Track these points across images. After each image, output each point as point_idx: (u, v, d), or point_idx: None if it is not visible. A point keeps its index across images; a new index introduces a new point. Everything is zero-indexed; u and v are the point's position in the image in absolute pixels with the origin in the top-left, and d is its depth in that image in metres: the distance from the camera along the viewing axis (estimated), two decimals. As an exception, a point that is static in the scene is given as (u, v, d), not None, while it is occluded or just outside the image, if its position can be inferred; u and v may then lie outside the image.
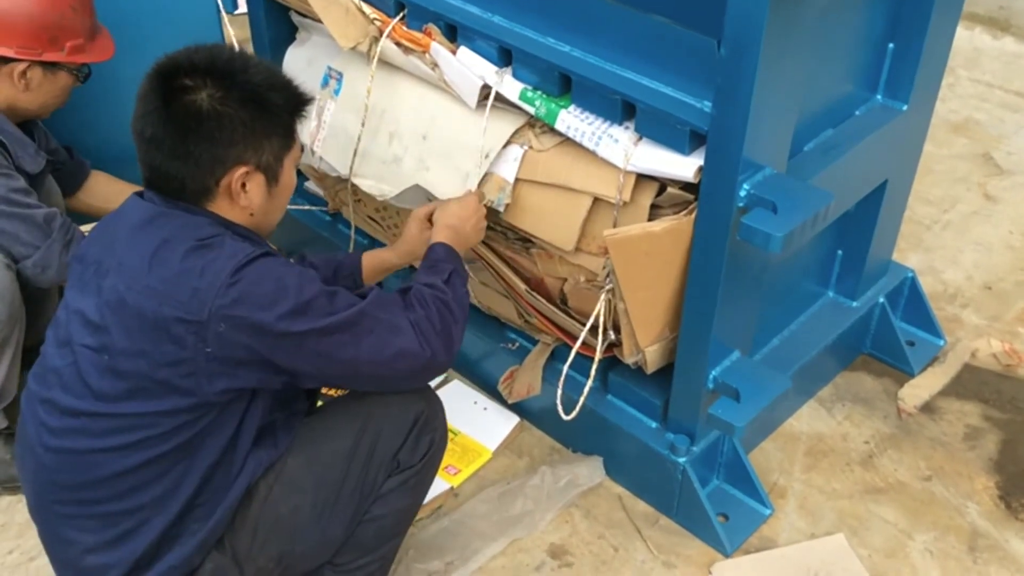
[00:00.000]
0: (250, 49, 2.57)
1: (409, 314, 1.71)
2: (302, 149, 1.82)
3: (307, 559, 1.80)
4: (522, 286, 2.20)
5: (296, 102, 1.71)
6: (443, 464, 2.28)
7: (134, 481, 1.63)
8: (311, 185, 2.75)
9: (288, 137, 1.70)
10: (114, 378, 1.59)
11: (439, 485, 2.26)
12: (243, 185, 1.64)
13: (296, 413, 1.79)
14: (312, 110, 1.80)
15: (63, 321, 1.68)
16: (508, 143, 2.05)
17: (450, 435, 2.38)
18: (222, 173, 1.63)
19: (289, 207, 1.87)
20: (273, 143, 1.67)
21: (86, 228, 2.52)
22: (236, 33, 2.67)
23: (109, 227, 1.70)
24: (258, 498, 1.72)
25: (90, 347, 1.61)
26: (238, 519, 1.72)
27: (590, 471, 2.28)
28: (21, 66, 2.16)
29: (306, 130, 1.77)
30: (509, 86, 2.01)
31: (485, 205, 2.07)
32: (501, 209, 2.06)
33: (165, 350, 1.56)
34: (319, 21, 2.27)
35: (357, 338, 1.63)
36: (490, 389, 2.49)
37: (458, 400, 2.48)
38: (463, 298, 1.82)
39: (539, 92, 1.97)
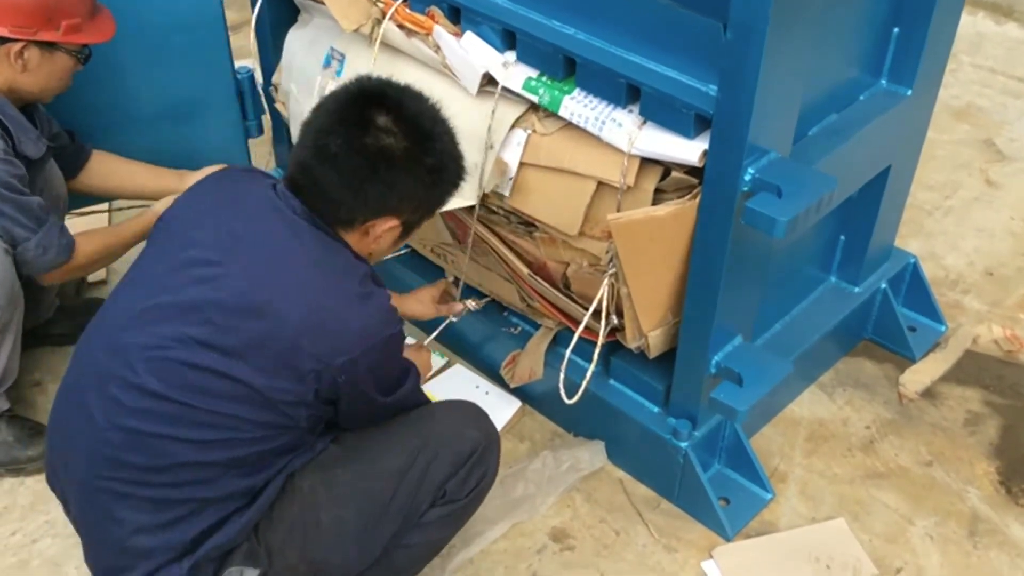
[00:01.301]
0: (250, 30, 2.55)
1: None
2: None
3: (337, 571, 1.79)
4: (525, 270, 2.20)
5: (459, 179, 1.76)
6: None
7: (203, 475, 1.63)
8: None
9: (438, 206, 1.77)
10: (219, 378, 1.58)
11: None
12: (380, 236, 1.70)
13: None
14: (315, 89, 1.81)
15: (146, 296, 1.64)
16: (512, 127, 2.04)
17: None
18: (375, 217, 1.67)
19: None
20: (426, 208, 1.73)
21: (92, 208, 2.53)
22: (236, 16, 2.66)
23: (221, 211, 1.68)
24: (299, 496, 1.72)
25: (196, 340, 1.58)
26: (276, 511, 1.71)
27: (592, 455, 2.29)
28: (17, 46, 2.14)
29: (306, 109, 1.77)
30: (512, 77, 1.99)
31: (493, 191, 2.07)
32: (506, 193, 2.06)
33: (282, 375, 1.57)
34: (321, 2, 2.26)
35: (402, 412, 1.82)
36: (492, 373, 2.49)
37: (460, 384, 2.48)
38: None
39: (542, 80, 1.96)
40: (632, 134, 1.86)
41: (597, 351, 2.11)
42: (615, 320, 2.08)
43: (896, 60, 2.16)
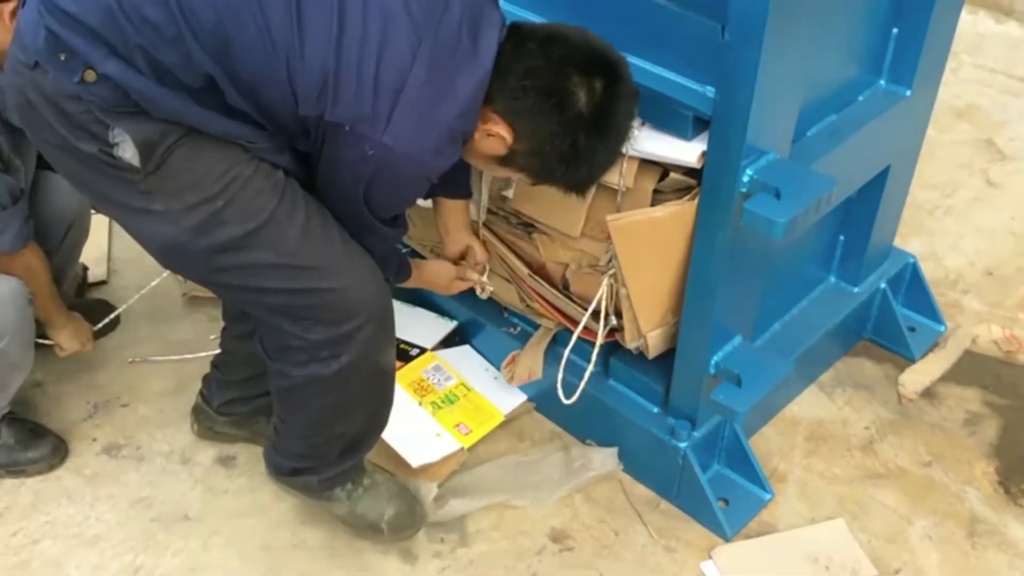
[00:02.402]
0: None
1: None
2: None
3: (165, 247, 1.72)
4: (525, 270, 2.20)
5: (574, 184, 1.77)
6: (455, 421, 2.33)
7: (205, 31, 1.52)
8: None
9: (542, 175, 1.75)
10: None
11: (450, 443, 2.28)
12: (489, 134, 1.68)
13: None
14: None
15: None
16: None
17: (463, 390, 2.41)
18: (504, 116, 1.66)
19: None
20: (536, 163, 1.71)
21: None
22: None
23: None
24: (226, 168, 1.64)
25: None
26: (201, 149, 1.62)
27: (603, 459, 2.27)
28: (10, 6, 2.02)
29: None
30: None
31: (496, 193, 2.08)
32: (509, 195, 2.06)
33: (345, 91, 1.56)
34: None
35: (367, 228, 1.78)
36: (491, 373, 2.50)
37: (471, 362, 2.51)
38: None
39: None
40: (630, 135, 1.86)
41: (596, 351, 2.11)
42: (614, 320, 2.09)
43: (895, 60, 2.15)
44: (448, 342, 2.54)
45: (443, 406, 2.37)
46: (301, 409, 1.92)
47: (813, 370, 2.52)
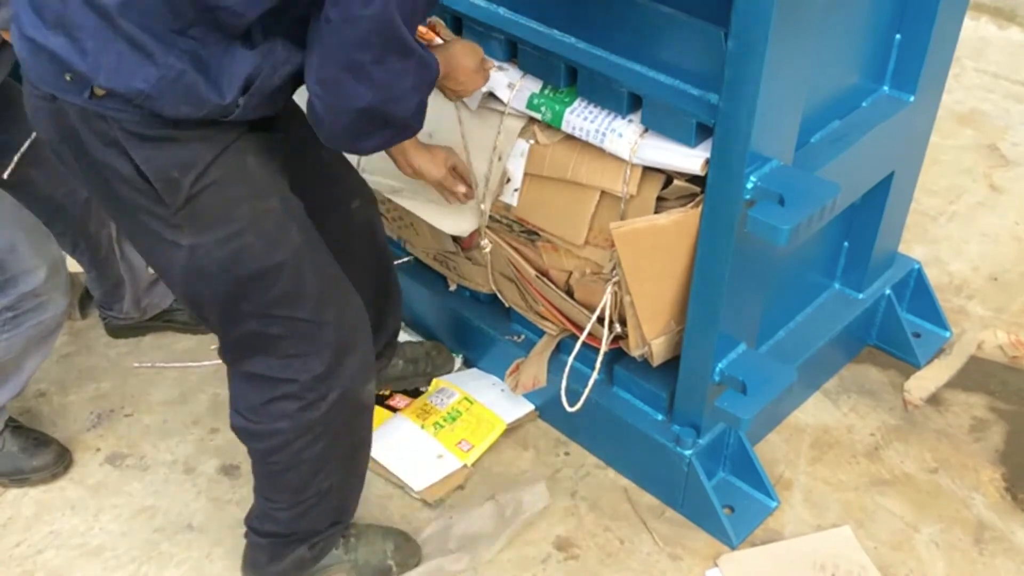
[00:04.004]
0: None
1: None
2: None
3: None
4: (532, 272, 2.19)
5: None
6: (456, 439, 2.32)
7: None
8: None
9: None
10: None
11: (452, 463, 2.28)
12: None
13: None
14: None
15: None
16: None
17: (466, 403, 2.40)
18: None
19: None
20: None
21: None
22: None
23: None
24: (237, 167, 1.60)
25: None
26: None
27: (533, 498, 2.21)
28: None
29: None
30: (516, 97, 2.00)
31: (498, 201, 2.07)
32: (513, 204, 2.06)
33: None
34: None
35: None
36: (495, 381, 2.49)
37: (477, 379, 2.51)
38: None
39: (544, 96, 1.96)
40: (633, 144, 1.86)
41: (600, 359, 2.11)
42: (618, 328, 2.08)
43: (898, 66, 2.15)
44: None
45: (445, 425, 2.36)
46: (291, 471, 1.84)
47: (818, 377, 2.51)
